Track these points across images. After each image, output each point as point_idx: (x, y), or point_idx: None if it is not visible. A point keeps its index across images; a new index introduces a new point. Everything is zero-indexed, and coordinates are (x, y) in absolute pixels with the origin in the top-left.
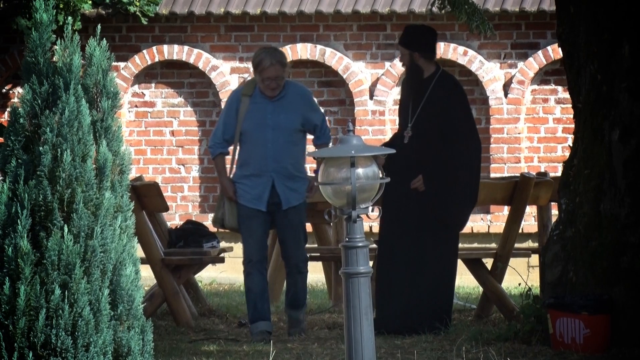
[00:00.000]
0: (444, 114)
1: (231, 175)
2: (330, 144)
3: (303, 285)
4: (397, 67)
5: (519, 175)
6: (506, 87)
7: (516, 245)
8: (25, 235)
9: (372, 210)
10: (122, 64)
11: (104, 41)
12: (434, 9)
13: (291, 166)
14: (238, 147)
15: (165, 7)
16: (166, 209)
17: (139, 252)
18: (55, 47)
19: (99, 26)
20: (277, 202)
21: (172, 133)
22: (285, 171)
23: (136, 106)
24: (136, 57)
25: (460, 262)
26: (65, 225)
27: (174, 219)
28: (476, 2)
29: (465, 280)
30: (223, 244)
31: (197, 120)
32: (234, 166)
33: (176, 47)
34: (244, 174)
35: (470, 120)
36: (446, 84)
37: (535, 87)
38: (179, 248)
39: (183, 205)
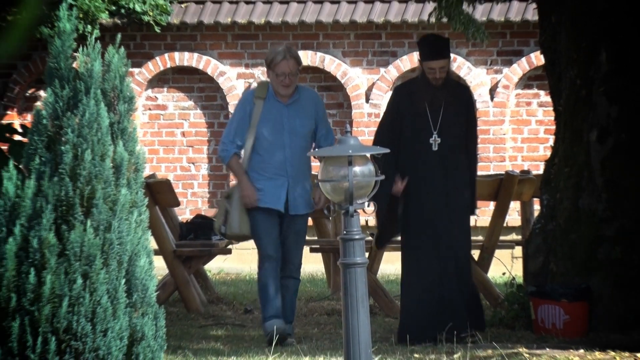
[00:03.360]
0: (465, 116)
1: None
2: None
3: (294, 297)
4: (391, 72)
5: (503, 173)
6: (492, 91)
7: (501, 237)
8: (49, 228)
9: (368, 206)
10: (136, 70)
11: (122, 49)
12: (431, 19)
13: (306, 171)
14: (250, 150)
15: (177, 17)
16: (177, 204)
17: (153, 244)
18: (76, 54)
19: (119, 35)
20: (286, 207)
21: (183, 134)
22: (301, 175)
23: (150, 109)
24: (149, 64)
25: None
26: (86, 220)
27: (184, 214)
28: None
29: None
30: None
31: (206, 122)
32: (246, 169)
33: (186, 54)
34: (260, 177)
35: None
36: (458, 87)
37: (519, 91)
38: (190, 240)
39: (193, 200)
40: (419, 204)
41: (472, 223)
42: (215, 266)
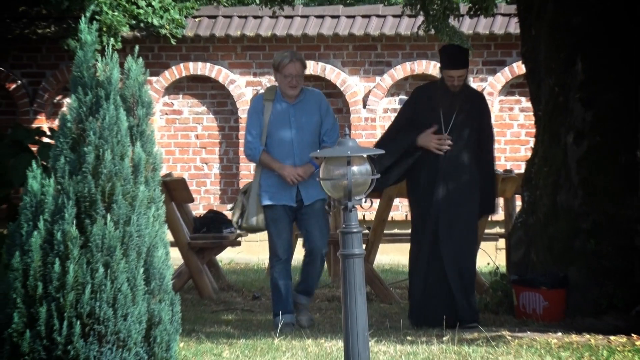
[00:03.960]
0: (477, 122)
1: (258, 176)
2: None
3: (319, 274)
4: (385, 80)
5: None
6: None
7: (486, 231)
8: (72, 222)
9: (365, 202)
10: (154, 79)
11: (140, 59)
12: (420, 32)
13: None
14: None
15: (191, 30)
16: (191, 200)
17: (169, 237)
18: (98, 63)
19: (136, 47)
20: (299, 199)
21: (197, 136)
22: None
23: (166, 114)
24: (166, 73)
25: None
26: (107, 214)
27: (198, 209)
28: (453, 25)
29: None
30: (240, 230)
31: (218, 126)
32: (258, 167)
33: (200, 64)
34: (271, 173)
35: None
36: (473, 94)
37: (503, 97)
38: (203, 233)
39: (206, 197)
40: (425, 199)
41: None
42: (226, 257)
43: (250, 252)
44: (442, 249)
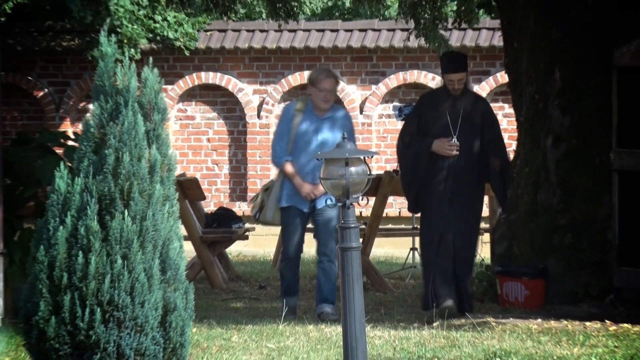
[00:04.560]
0: (481, 124)
1: (280, 178)
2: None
3: (332, 280)
4: (380, 89)
5: None
6: None
7: None
8: (94, 218)
9: (362, 200)
10: (169, 87)
11: (155, 69)
12: (411, 39)
13: None
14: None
15: (203, 43)
16: (203, 198)
17: (183, 231)
18: (117, 73)
19: (150, 58)
20: (314, 204)
21: (208, 140)
22: None
23: (180, 119)
24: (180, 82)
25: None
26: (125, 210)
27: (209, 206)
28: (442, 34)
29: None
30: (247, 225)
31: (227, 130)
32: (281, 173)
33: (211, 73)
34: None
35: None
36: (475, 98)
37: None
38: (213, 228)
39: (216, 195)
40: (434, 195)
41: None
42: (235, 249)
43: (257, 245)
44: (454, 240)
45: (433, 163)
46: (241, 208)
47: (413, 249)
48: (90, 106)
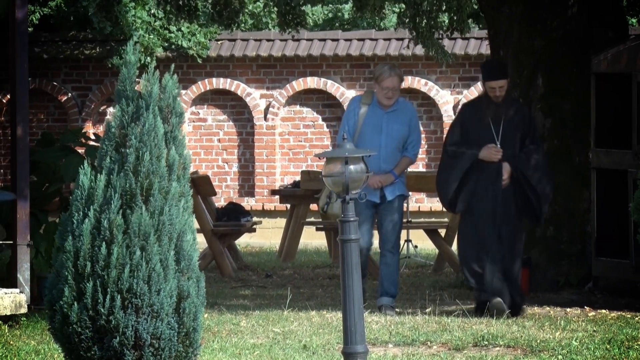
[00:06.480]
0: (523, 129)
1: None
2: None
3: (394, 272)
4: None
5: None
6: (455, 108)
7: None
8: (117, 212)
9: (360, 196)
10: (183, 92)
11: (175, 76)
12: (403, 51)
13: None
14: None
15: (214, 51)
16: (214, 194)
17: (195, 225)
18: (138, 79)
19: (172, 66)
20: (382, 195)
21: (219, 140)
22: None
23: (193, 121)
24: (193, 87)
25: (421, 231)
26: (144, 205)
27: (220, 201)
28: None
29: (425, 245)
30: (255, 219)
31: (236, 132)
32: None
33: (222, 79)
34: None
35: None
36: (517, 104)
37: None
38: (224, 222)
39: (226, 191)
40: (482, 199)
41: (440, 208)
42: (244, 241)
43: (264, 237)
44: (502, 238)
45: (479, 169)
46: (249, 203)
47: (408, 240)
48: (111, 109)
